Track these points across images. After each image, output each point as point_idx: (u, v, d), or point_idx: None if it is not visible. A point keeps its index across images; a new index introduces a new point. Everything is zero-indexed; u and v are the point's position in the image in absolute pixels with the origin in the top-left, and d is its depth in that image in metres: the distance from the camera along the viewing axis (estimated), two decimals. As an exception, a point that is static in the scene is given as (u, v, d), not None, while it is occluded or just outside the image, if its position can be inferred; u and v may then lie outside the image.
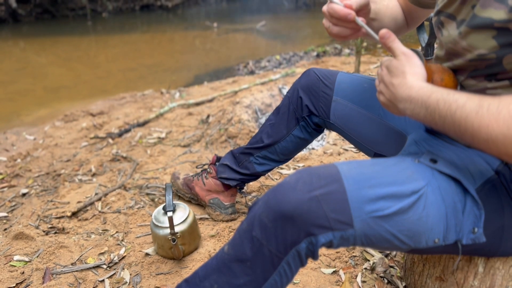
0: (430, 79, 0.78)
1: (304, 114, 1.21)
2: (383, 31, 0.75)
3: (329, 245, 0.68)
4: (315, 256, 0.70)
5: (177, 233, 1.22)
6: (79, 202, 1.68)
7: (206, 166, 1.54)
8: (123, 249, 1.35)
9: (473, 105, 0.62)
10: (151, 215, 1.52)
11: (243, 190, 1.51)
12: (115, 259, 1.30)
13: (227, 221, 1.46)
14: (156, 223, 1.25)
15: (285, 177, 0.71)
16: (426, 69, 0.77)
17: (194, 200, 1.54)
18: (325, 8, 0.84)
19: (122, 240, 1.41)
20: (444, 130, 0.67)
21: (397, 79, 0.72)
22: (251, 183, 1.65)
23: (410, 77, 0.71)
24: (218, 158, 1.46)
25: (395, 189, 0.69)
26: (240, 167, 1.37)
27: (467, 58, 0.76)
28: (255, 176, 1.39)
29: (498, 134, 0.58)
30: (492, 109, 0.59)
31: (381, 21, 0.99)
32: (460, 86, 0.81)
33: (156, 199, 1.66)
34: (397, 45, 0.75)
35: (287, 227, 0.66)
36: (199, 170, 1.77)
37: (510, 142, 0.58)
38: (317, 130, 1.26)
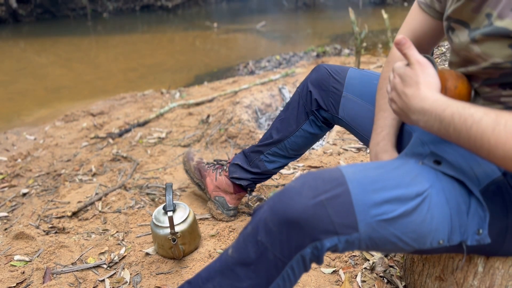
0: (443, 86, 0.76)
1: (313, 108, 1.21)
2: (399, 37, 0.74)
3: (334, 249, 0.68)
4: (319, 261, 0.70)
5: (177, 232, 1.22)
6: (79, 202, 1.68)
7: (223, 162, 1.52)
8: (123, 249, 1.35)
9: (490, 121, 0.61)
10: (151, 215, 1.53)
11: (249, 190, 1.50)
12: (115, 258, 1.30)
13: (226, 221, 1.46)
14: (156, 223, 1.26)
15: (290, 182, 0.71)
16: (440, 76, 0.75)
17: (201, 188, 1.52)
18: None
19: (123, 240, 1.41)
20: (458, 144, 0.67)
21: (410, 89, 0.72)
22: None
23: (423, 88, 0.71)
24: None
25: (399, 192, 0.69)
26: (251, 167, 1.36)
27: (481, 66, 0.75)
28: (266, 175, 1.38)
29: None
30: (509, 126, 0.59)
31: None
32: (475, 92, 0.80)
33: (156, 199, 1.66)
34: (413, 52, 0.74)
35: (293, 232, 0.66)
36: (214, 162, 1.74)
37: None
38: (327, 125, 1.26)
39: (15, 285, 1.21)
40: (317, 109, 1.21)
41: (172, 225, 1.19)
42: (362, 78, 1.12)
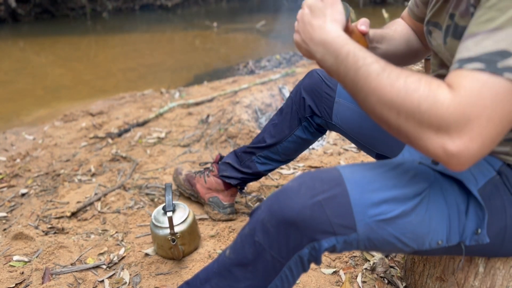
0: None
1: (307, 114, 1.21)
2: None
3: (332, 249, 0.68)
4: (317, 261, 0.69)
5: (176, 233, 1.22)
6: (78, 202, 1.68)
7: (209, 165, 1.54)
8: (122, 249, 1.35)
9: (378, 67, 0.63)
10: (150, 215, 1.52)
11: (244, 190, 1.51)
12: (114, 259, 1.30)
13: (225, 220, 1.46)
14: (156, 223, 1.25)
15: (288, 182, 0.71)
16: (347, 27, 0.80)
17: (194, 197, 1.53)
18: None
19: (122, 240, 1.41)
20: (343, 84, 0.69)
21: (317, 21, 0.73)
22: (251, 183, 1.65)
23: (329, 21, 0.72)
24: (222, 157, 1.46)
25: (397, 192, 0.68)
26: (242, 166, 1.37)
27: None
28: (256, 176, 1.39)
29: (387, 100, 0.60)
30: (392, 76, 0.61)
31: (389, 45, 0.99)
32: None
33: (155, 199, 1.66)
34: None
35: (290, 233, 0.66)
36: (202, 168, 1.77)
37: (393, 110, 0.60)
38: (319, 131, 1.26)
39: (14, 285, 1.20)
40: (310, 115, 1.21)
41: (171, 226, 1.19)
42: None
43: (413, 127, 0.59)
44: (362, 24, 0.85)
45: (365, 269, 1.19)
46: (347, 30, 0.81)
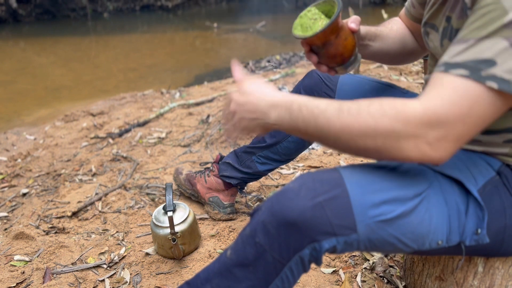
0: (336, 32, 0.81)
1: None
2: (232, 60, 0.81)
3: (333, 250, 0.68)
4: (318, 262, 0.70)
5: (177, 232, 1.22)
6: (79, 202, 1.68)
7: (209, 164, 1.54)
8: (123, 249, 1.35)
9: (334, 109, 0.65)
10: (151, 215, 1.52)
11: (244, 190, 1.51)
12: (115, 258, 1.30)
13: (225, 220, 1.46)
14: (156, 223, 1.26)
15: (288, 183, 0.71)
16: (337, 22, 0.80)
17: (194, 197, 1.54)
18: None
19: (122, 240, 1.41)
20: (308, 137, 0.70)
21: (253, 96, 0.74)
22: (251, 183, 1.65)
23: (265, 89, 0.75)
24: (222, 157, 1.47)
25: (397, 192, 0.68)
26: (242, 166, 1.37)
27: None
28: (256, 176, 1.39)
29: (358, 133, 0.63)
30: (352, 112, 0.64)
31: (383, 43, 1.00)
32: None
33: (156, 199, 1.66)
34: (237, 73, 0.81)
35: (291, 234, 0.66)
36: (202, 168, 1.77)
37: (369, 138, 0.62)
38: None
39: (15, 285, 1.21)
40: None
41: (172, 225, 1.19)
42: (353, 83, 1.13)
43: (391, 145, 0.62)
44: (352, 22, 0.85)
45: (365, 268, 1.20)
46: (337, 26, 0.81)
